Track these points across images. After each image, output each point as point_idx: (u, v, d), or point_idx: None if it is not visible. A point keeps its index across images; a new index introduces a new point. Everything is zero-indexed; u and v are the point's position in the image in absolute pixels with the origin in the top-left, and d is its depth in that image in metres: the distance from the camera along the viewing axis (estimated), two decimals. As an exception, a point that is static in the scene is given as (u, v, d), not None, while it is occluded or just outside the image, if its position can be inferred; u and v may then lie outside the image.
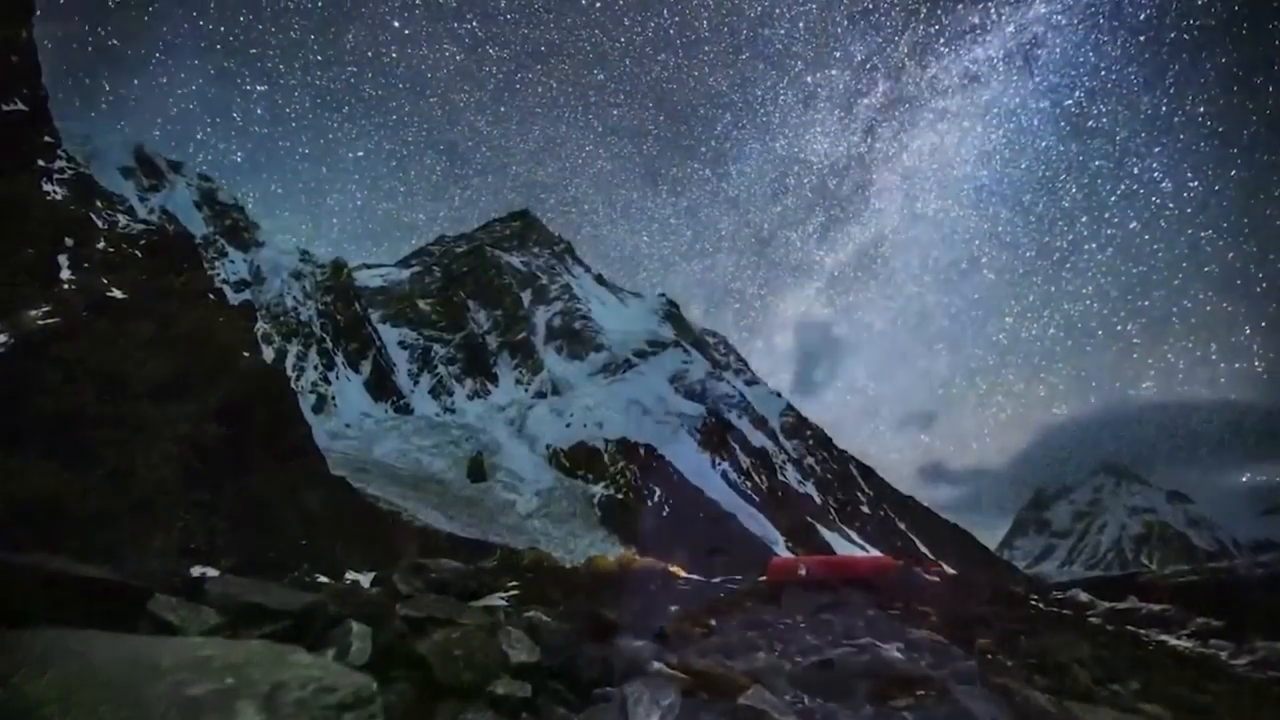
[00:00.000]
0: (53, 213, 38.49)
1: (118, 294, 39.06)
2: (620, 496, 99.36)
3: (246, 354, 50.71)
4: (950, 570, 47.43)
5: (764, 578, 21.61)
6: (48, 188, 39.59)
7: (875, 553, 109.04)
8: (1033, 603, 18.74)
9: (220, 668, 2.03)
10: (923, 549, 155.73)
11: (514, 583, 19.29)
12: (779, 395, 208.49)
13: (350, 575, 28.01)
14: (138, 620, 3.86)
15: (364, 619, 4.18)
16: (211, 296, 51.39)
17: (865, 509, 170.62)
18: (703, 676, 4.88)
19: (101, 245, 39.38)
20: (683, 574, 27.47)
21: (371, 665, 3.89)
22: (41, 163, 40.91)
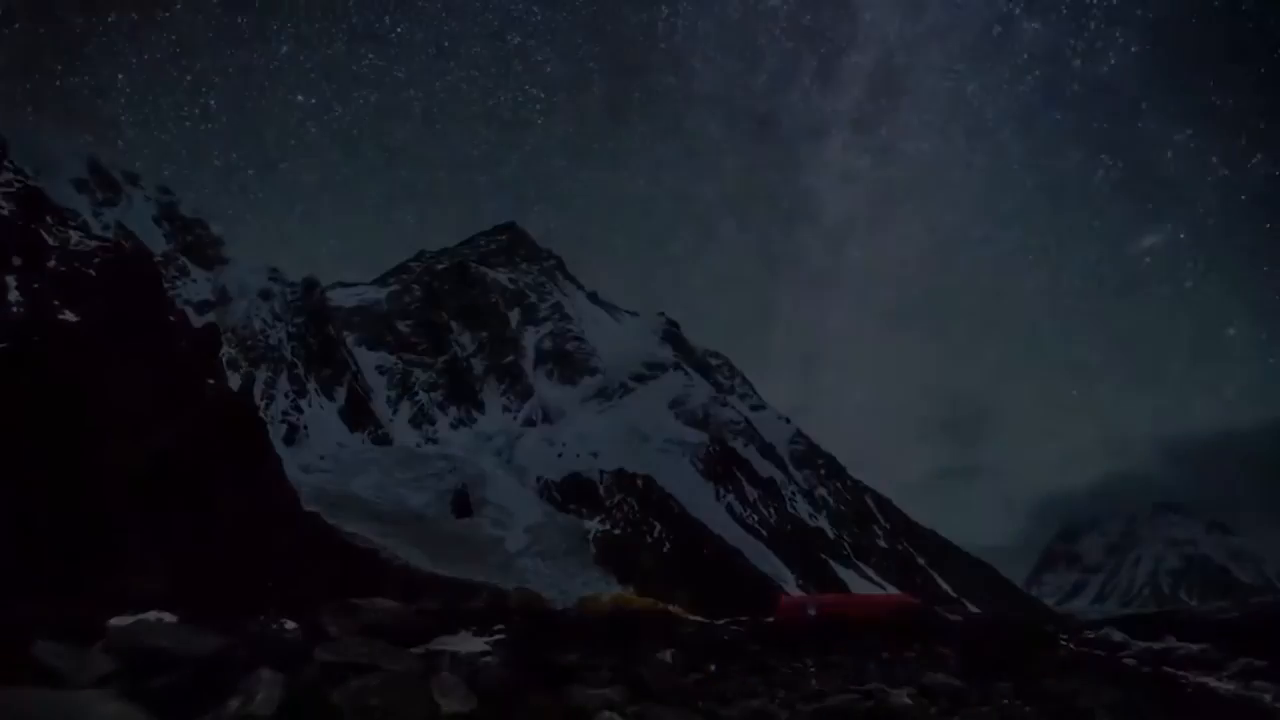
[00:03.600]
0: None
1: (70, 317, 38.88)
2: (617, 532, 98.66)
3: (211, 381, 50.48)
4: (973, 609, 46.96)
5: (771, 618, 21.40)
6: (-6, 203, 39.57)
7: (892, 591, 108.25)
8: (1062, 643, 18.46)
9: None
10: (944, 586, 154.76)
11: (499, 625, 18.97)
12: (788, 421, 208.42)
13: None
14: (18, 669, 3.63)
15: (278, 665, 3.96)
16: (172, 319, 51.25)
17: (882, 543, 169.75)
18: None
19: (52, 265, 39.28)
20: (684, 614, 27.13)
21: (280, 715, 3.66)
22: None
